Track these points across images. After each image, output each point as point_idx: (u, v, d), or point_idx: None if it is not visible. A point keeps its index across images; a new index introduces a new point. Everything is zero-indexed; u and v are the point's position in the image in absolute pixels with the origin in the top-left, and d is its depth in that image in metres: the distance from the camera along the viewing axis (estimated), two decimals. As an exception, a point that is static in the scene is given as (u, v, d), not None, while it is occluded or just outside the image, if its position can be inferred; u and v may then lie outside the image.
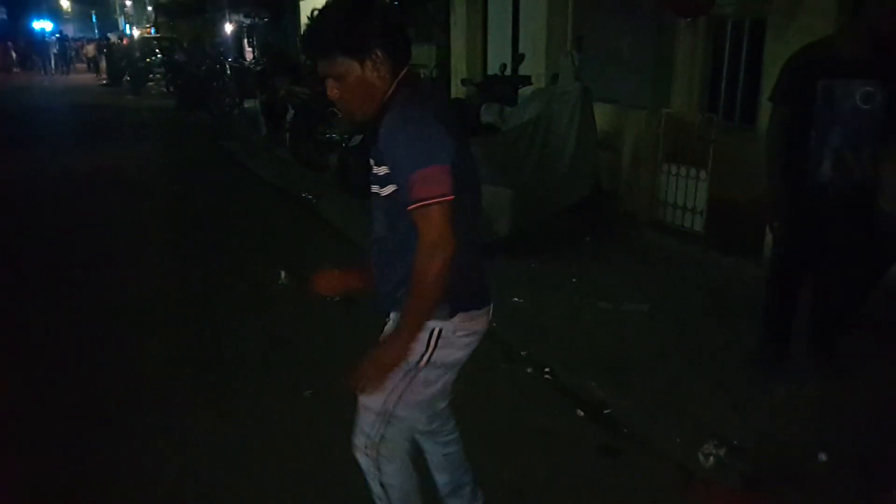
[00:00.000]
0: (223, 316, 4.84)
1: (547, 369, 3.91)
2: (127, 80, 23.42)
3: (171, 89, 18.43)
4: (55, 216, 7.55)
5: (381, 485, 2.26)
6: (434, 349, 2.05)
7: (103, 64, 28.28)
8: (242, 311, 4.91)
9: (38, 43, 36.32)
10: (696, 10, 6.36)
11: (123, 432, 3.40)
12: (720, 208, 5.91)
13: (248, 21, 24.18)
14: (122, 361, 4.13)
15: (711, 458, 3.03)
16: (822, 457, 3.02)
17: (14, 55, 34.28)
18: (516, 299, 4.87)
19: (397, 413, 2.13)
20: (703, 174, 5.92)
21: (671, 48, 7.30)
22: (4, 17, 44.87)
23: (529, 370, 3.93)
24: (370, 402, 2.14)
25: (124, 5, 51.26)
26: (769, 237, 5.06)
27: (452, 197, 1.85)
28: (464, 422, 2.50)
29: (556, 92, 6.10)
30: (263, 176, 9.49)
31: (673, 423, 3.30)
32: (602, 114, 6.35)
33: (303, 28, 2.06)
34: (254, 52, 22.60)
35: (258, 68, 14.82)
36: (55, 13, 53.74)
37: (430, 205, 1.84)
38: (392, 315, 2.20)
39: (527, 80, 7.95)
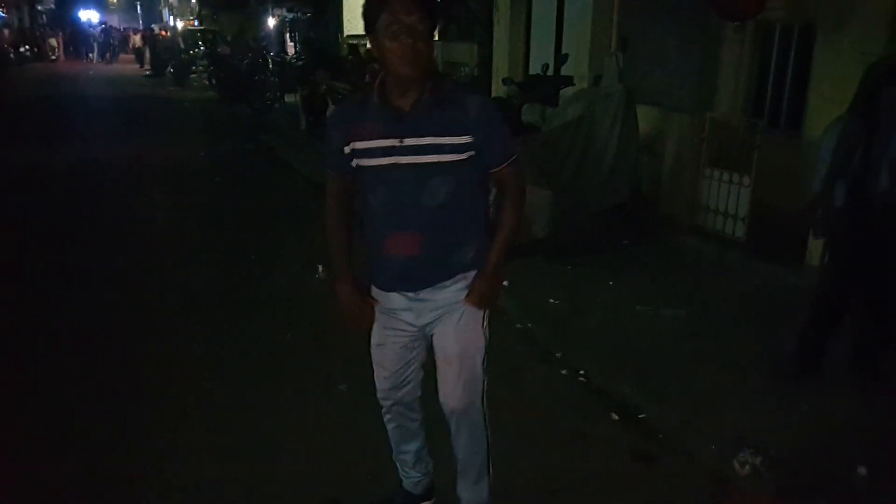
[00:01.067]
0: (260, 309, 4.91)
1: (582, 372, 3.89)
2: (170, 71, 23.78)
3: (213, 82, 18.65)
4: (94, 207, 7.70)
5: (487, 428, 2.45)
6: None
7: (148, 55, 28.83)
8: (279, 305, 4.96)
9: (82, 32, 37.21)
10: (745, 15, 6.26)
11: (160, 420, 3.48)
12: (762, 215, 5.82)
13: (290, 16, 24.40)
14: (156, 353, 4.21)
15: (747, 467, 3.00)
16: (862, 470, 2.96)
17: (60, 44, 35.11)
18: (552, 300, 4.87)
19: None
20: (745, 180, 5.84)
21: (717, 52, 7.20)
22: (53, 6, 45.90)
23: (564, 372, 3.92)
24: (471, 348, 2.33)
25: (169, -3, 52.01)
26: (811, 245, 5.02)
27: None
28: (498, 421, 2.50)
29: (600, 93, 6.07)
30: (302, 171, 9.57)
31: (709, 431, 3.27)
32: (644, 116, 6.30)
33: (345, 23, 2.21)
34: (295, 47, 22.77)
35: (299, 63, 14.96)
36: (101, 3, 54.71)
37: (517, 159, 2.27)
38: (431, 288, 2.28)
39: (569, 81, 7.91)
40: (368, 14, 2.07)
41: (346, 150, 2.20)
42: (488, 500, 2.56)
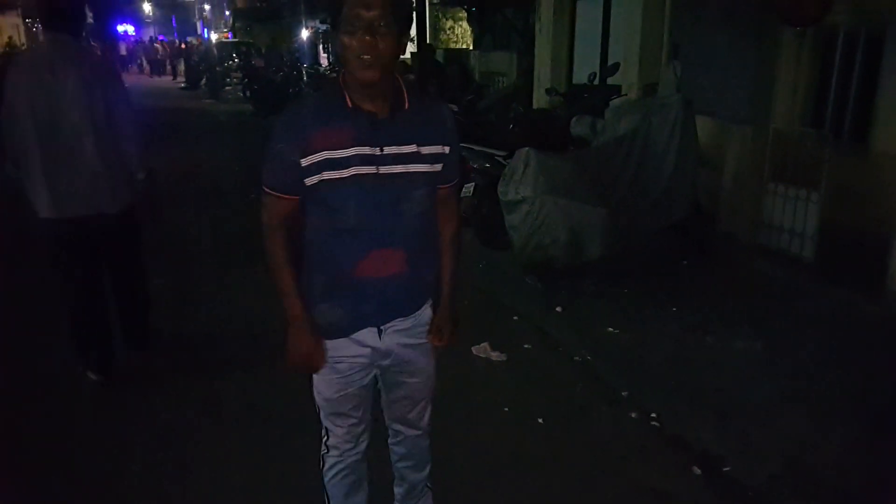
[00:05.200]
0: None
1: (653, 415, 3.52)
2: (204, 83, 23.82)
3: (248, 94, 18.56)
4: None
5: None
6: None
7: (181, 67, 29.05)
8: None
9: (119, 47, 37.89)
10: (809, 20, 5.86)
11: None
12: (831, 233, 5.42)
13: (323, 27, 24.34)
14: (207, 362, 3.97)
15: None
16: None
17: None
18: (611, 329, 4.52)
19: None
20: (814, 196, 5.45)
21: (773, 58, 6.80)
22: (91, 20, 46.62)
23: (634, 415, 3.55)
24: (429, 392, 2.25)
25: (203, 10, 52.57)
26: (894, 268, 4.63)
27: None
28: (570, 475, 2.20)
29: (655, 104, 5.71)
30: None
31: (805, 491, 2.91)
32: (700, 127, 5.93)
33: None
34: (329, 59, 22.67)
35: (334, 75, 14.74)
36: (137, 17, 55.38)
37: (458, 182, 2.14)
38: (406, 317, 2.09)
39: (617, 91, 7.55)
40: (331, 9, 1.79)
41: (305, 162, 1.83)
42: None
